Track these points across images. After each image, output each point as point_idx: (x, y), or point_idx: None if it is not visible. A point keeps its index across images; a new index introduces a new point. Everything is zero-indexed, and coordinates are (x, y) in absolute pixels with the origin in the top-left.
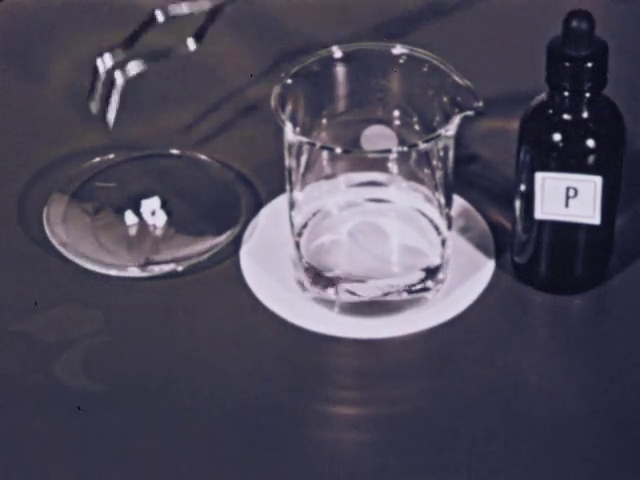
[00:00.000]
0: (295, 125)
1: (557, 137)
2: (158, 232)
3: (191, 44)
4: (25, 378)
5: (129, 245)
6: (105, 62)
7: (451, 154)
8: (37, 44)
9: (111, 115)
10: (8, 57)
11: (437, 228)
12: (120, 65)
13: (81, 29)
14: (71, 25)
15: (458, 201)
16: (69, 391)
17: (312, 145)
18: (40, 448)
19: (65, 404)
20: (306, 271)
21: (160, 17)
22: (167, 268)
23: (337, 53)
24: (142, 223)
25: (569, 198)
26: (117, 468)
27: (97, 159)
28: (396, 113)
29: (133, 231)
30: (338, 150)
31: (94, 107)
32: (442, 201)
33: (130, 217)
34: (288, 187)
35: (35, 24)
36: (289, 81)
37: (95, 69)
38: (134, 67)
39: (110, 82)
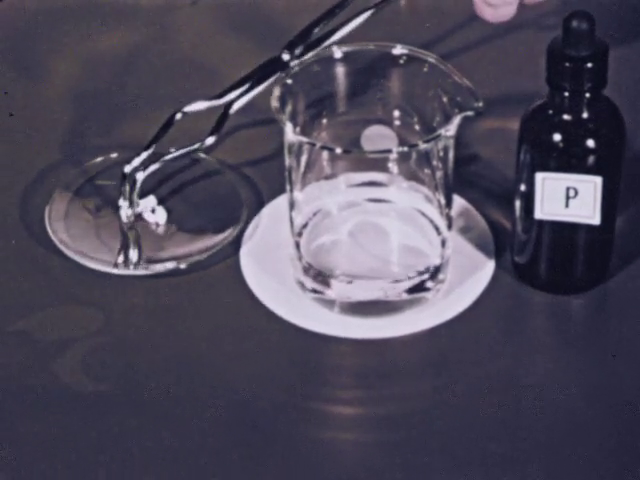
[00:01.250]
0: (295, 125)
1: (557, 137)
2: (159, 231)
3: (210, 140)
4: (25, 378)
5: (129, 244)
6: (132, 165)
7: (451, 154)
8: (37, 44)
9: (129, 203)
10: (8, 57)
11: (437, 228)
12: (142, 166)
13: (81, 29)
14: (71, 25)
15: (458, 201)
16: (69, 391)
17: (312, 145)
18: (40, 448)
19: (65, 404)
20: (306, 271)
21: (179, 116)
22: (168, 267)
23: (337, 53)
24: (143, 222)
25: (569, 198)
26: (117, 468)
27: (99, 158)
28: (396, 113)
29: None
30: (338, 150)
31: (122, 203)
32: (442, 201)
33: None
34: (288, 187)
35: (35, 24)
36: (289, 81)
37: (123, 174)
38: (153, 167)
39: (133, 181)
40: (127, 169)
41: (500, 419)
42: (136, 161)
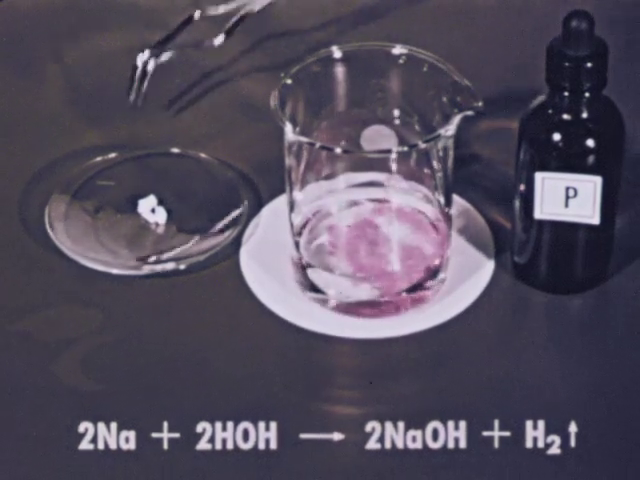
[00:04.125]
0: (295, 125)
1: (557, 137)
2: (159, 231)
3: (219, 39)
4: (25, 378)
5: (130, 244)
6: (143, 56)
7: (451, 154)
8: (37, 44)
9: (135, 96)
10: (8, 57)
11: (437, 228)
12: (154, 55)
13: (81, 29)
14: (71, 25)
15: (458, 201)
16: (69, 390)
17: (312, 145)
18: (40, 448)
19: (65, 404)
20: (305, 271)
21: (197, 16)
22: (167, 267)
23: (337, 53)
24: (142, 222)
25: (569, 198)
26: (117, 468)
27: (98, 158)
28: (396, 113)
29: (134, 229)
30: (338, 150)
31: (131, 97)
32: (442, 201)
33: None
34: (288, 187)
35: (35, 24)
36: (289, 81)
37: (134, 65)
38: (165, 56)
39: (143, 72)
40: (138, 58)
41: (500, 419)
42: (146, 53)
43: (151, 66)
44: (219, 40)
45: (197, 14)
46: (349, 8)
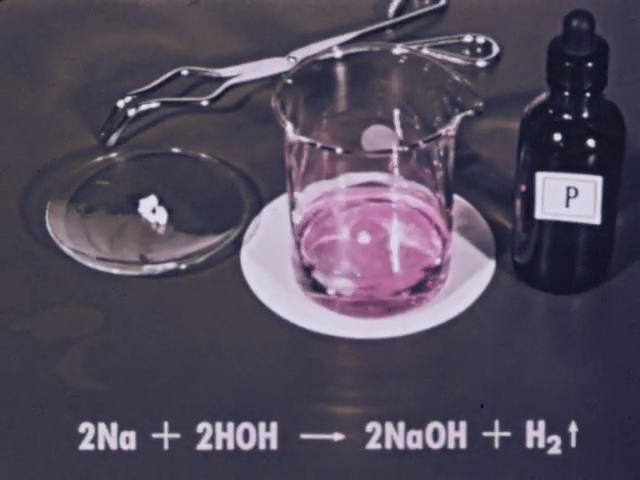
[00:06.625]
0: (295, 125)
1: (557, 137)
2: (159, 231)
3: (204, 102)
4: (25, 378)
5: (130, 244)
6: (125, 101)
7: (451, 154)
8: (37, 44)
9: (113, 138)
10: (8, 57)
11: (437, 228)
12: (136, 102)
13: (81, 29)
14: (71, 25)
15: (459, 201)
16: (69, 391)
17: (312, 145)
18: (40, 448)
19: (65, 404)
20: (306, 271)
21: (184, 72)
22: (168, 267)
23: (337, 53)
24: (143, 222)
25: (569, 198)
26: (117, 468)
27: (99, 158)
28: (396, 113)
29: (134, 229)
30: (338, 150)
31: (103, 134)
32: (442, 201)
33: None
34: (288, 187)
35: (35, 24)
36: (289, 81)
37: (115, 107)
38: (147, 105)
39: (124, 116)
40: (120, 103)
41: (500, 419)
42: (128, 98)
43: (132, 113)
44: (204, 102)
45: (185, 71)
46: (350, 8)
